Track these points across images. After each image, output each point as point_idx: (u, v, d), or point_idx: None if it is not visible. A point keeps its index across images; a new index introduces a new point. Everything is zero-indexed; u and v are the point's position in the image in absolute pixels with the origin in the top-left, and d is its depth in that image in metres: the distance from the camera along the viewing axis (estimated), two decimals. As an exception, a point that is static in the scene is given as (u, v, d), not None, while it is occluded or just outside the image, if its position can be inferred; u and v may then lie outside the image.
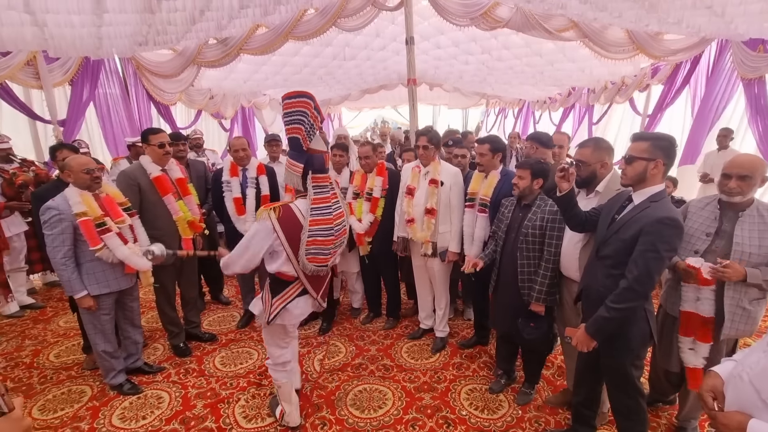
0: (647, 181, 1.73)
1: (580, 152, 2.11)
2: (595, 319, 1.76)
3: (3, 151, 3.90)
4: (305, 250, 1.98)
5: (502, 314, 2.50)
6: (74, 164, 2.42)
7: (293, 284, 2.07)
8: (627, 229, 1.72)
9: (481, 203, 2.72)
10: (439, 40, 7.24)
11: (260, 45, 5.61)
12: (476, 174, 2.81)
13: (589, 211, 2.02)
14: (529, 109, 13.63)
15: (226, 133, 8.65)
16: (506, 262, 2.45)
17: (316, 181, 1.99)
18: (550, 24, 5.20)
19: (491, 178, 2.71)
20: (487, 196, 2.69)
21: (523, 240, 2.33)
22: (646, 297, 1.72)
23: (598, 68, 6.95)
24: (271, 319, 2.08)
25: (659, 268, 1.67)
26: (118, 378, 2.71)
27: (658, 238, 1.62)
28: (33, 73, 4.43)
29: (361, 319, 3.71)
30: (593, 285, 1.87)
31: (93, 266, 2.47)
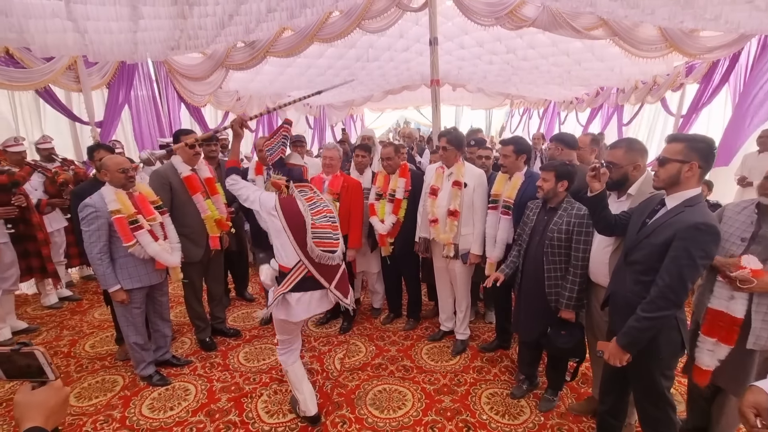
0: (681, 184, 1.66)
1: (611, 153, 2.05)
2: (627, 330, 1.70)
3: (46, 150, 4.13)
4: (312, 233, 2.09)
5: (527, 320, 2.46)
6: (111, 164, 2.54)
7: (292, 271, 2.13)
8: (659, 234, 1.66)
9: (505, 205, 2.69)
10: (463, 40, 7.18)
11: (286, 47, 5.72)
12: (500, 175, 2.78)
13: (618, 215, 1.96)
14: (555, 110, 13.33)
15: (252, 133, 8.85)
16: (530, 267, 2.41)
17: (299, 187, 2.30)
18: (578, 22, 5.07)
19: (515, 179, 2.68)
20: (511, 199, 2.66)
21: (549, 244, 2.28)
22: (679, 306, 1.65)
23: (629, 67, 6.73)
24: (270, 304, 2.17)
25: (693, 276, 1.61)
26: (148, 369, 2.82)
27: (692, 245, 1.55)
28: (74, 76, 4.67)
29: (382, 320, 3.72)
30: (621, 291, 1.82)
31: (126, 262, 2.59)
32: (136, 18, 3.70)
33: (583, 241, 2.19)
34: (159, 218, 2.71)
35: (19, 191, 3.47)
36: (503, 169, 2.79)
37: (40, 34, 3.66)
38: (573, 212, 2.23)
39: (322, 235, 2.11)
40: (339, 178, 3.33)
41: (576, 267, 2.21)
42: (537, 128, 14.29)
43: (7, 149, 3.72)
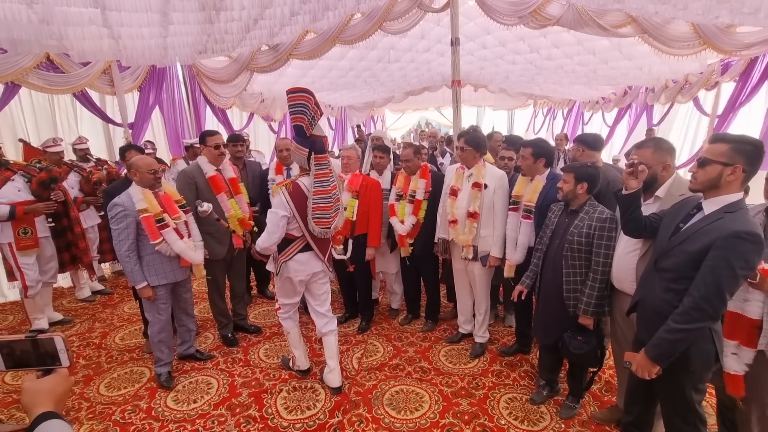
0: (722, 188, 1.55)
1: (638, 153, 1.96)
2: (658, 341, 1.60)
3: (81, 151, 4.34)
4: (312, 215, 2.43)
5: (546, 325, 2.41)
6: (141, 164, 2.63)
7: (295, 242, 2.52)
8: (694, 240, 1.55)
9: (526, 209, 2.65)
10: (485, 40, 7.11)
11: (308, 50, 5.81)
12: (521, 177, 2.74)
13: (649, 216, 1.87)
14: (580, 110, 13.00)
15: (274, 134, 9.02)
16: (549, 271, 2.36)
17: (318, 160, 2.43)
18: (605, 20, 4.93)
19: (536, 183, 2.63)
20: (532, 202, 2.61)
21: (568, 248, 2.22)
22: (715, 318, 1.55)
23: (658, 66, 6.49)
24: (279, 271, 2.55)
25: (732, 287, 1.50)
26: (162, 368, 2.86)
27: (733, 254, 1.45)
28: (108, 80, 4.89)
29: (400, 320, 3.72)
30: (649, 298, 1.72)
31: (153, 259, 2.67)
32: (166, 24, 3.85)
33: (604, 245, 2.12)
34: (183, 217, 2.79)
35: (58, 187, 3.66)
36: (522, 172, 2.76)
37: (78, 40, 3.86)
38: (595, 215, 2.17)
39: (321, 216, 2.45)
40: (358, 176, 3.36)
41: (596, 272, 2.14)
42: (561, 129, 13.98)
43: (46, 149, 3.93)
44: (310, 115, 2.32)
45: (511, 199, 2.79)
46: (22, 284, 3.47)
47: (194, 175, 3.02)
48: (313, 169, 2.42)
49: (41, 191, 3.54)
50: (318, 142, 2.40)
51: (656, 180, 1.96)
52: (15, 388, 2.83)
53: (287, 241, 2.51)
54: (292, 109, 2.33)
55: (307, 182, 2.45)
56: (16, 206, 3.34)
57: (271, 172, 3.63)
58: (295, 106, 2.31)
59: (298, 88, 2.31)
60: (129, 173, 2.69)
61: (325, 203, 2.44)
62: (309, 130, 2.36)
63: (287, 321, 2.77)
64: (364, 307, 3.65)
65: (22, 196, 3.44)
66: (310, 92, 2.30)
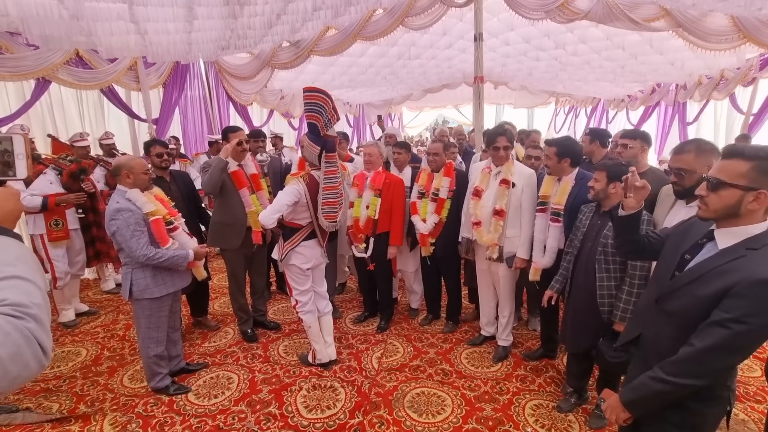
0: (742, 217, 1.21)
1: (680, 159, 1.82)
2: (638, 386, 1.33)
3: (108, 146, 4.42)
4: (321, 210, 2.60)
5: (576, 331, 2.30)
6: (136, 165, 2.39)
7: (300, 231, 2.69)
8: (706, 283, 1.22)
9: (554, 212, 2.53)
10: (508, 36, 6.95)
11: (329, 46, 5.79)
12: (547, 177, 2.63)
13: (648, 235, 1.56)
14: (604, 108, 12.63)
15: (294, 131, 9.06)
16: (581, 275, 2.25)
17: (328, 158, 2.60)
18: (636, 13, 4.74)
19: (564, 184, 2.51)
20: (561, 204, 2.49)
21: (602, 251, 2.12)
22: (712, 379, 1.23)
23: (692, 61, 6.21)
24: (283, 258, 2.67)
25: (749, 347, 1.19)
26: (164, 381, 2.68)
27: (757, 308, 1.11)
28: (134, 76, 4.96)
29: (420, 321, 3.66)
30: (651, 338, 1.40)
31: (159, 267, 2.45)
32: (191, 19, 3.88)
33: None
34: (180, 218, 2.65)
35: (87, 179, 3.73)
36: (548, 171, 2.65)
37: (106, 36, 3.92)
38: None
39: (329, 210, 2.63)
40: (381, 174, 3.31)
41: (633, 277, 2.04)
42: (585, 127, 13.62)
43: (74, 144, 4.02)
44: (326, 117, 2.48)
45: (538, 199, 2.68)
46: (51, 276, 3.55)
47: None
48: (323, 166, 2.60)
49: (72, 183, 3.62)
50: (330, 141, 2.59)
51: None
52: (43, 377, 2.89)
53: (293, 230, 2.68)
54: (308, 107, 2.47)
55: (318, 177, 2.64)
56: (48, 197, 3.42)
57: (294, 168, 3.58)
58: (311, 104, 2.45)
59: (316, 88, 2.45)
60: (119, 175, 2.39)
61: (333, 198, 2.63)
62: (323, 130, 2.52)
63: (307, 315, 2.81)
64: (384, 306, 3.60)
65: (53, 189, 3.52)
66: (328, 95, 2.46)
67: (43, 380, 2.88)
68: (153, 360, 2.62)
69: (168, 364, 2.74)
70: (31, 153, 3.47)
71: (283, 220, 2.65)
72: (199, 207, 3.45)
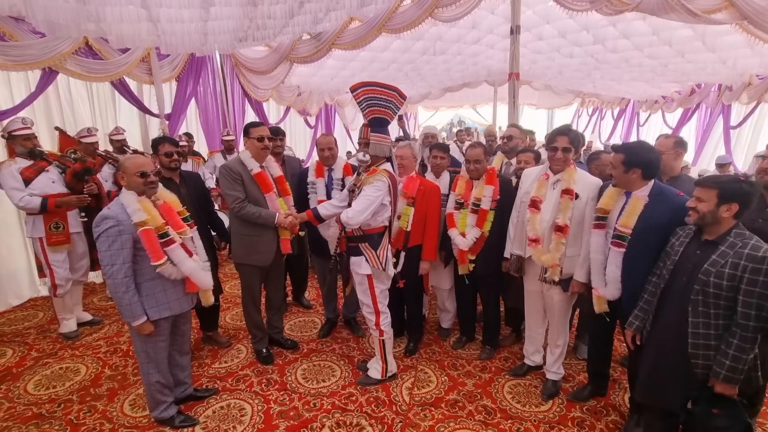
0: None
1: None
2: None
3: (118, 142, 4.13)
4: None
5: (660, 381, 1.87)
6: (129, 164, 2.08)
7: (385, 234, 2.56)
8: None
9: (617, 235, 2.07)
10: (543, 30, 6.51)
11: (352, 39, 5.42)
12: (612, 188, 2.16)
13: None
14: (634, 110, 12.04)
15: (310, 130, 8.75)
16: (669, 314, 1.82)
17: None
18: (695, 4, 4.25)
19: (635, 201, 2.04)
20: (628, 228, 2.03)
21: (701, 291, 1.69)
22: None
23: (747, 59, 5.70)
24: (385, 265, 2.51)
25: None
26: (169, 410, 2.37)
27: None
28: (146, 69, 4.69)
29: (452, 343, 3.28)
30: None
31: (152, 286, 2.13)
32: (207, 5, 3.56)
33: (758, 294, 1.58)
34: (189, 232, 2.28)
35: (92, 179, 3.45)
36: (613, 182, 2.19)
37: (116, 23, 3.64)
38: (745, 251, 1.62)
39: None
40: (415, 180, 2.93)
41: (746, 328, 1.61)
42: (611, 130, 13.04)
43: (81, 140, 3.74)
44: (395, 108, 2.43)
45: (596, 212, 2.22)
46: (51, 283, 3.27)
47: (239, 170, 2.67)
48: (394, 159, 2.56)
49: (75, 183, 3.33)
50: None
51: None
52: (36, 399, 2.60)
53: (378, 236, 2.52)
54: (379, 101, 2.37)
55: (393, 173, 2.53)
56: (48, 198, 3.14)
57: (311, 174, 3.18)
58: (382, 99, 2.38)
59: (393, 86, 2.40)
60: (116, 175, 2.16)
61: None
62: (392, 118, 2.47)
63: (387, 326, 2.68)
64: (414, 327, 3.23)
65: (56, 188, 3.25)
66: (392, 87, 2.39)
67: (37, 403, 2.58)
68: (155, 387, 2.29)
69: (173, 391, 2.42)
70: (33, 149, 3.24)
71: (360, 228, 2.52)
72: (211, 212, 3.11)
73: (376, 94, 2.37)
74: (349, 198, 2.55)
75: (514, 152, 3.51)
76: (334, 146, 3.18)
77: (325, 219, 2.69)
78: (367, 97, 2.38)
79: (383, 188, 2.40)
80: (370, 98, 2.38)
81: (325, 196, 3.10)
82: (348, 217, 2.36)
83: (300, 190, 3.21)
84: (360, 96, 2.39)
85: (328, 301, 3.47)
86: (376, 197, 2.37)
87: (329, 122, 9.84)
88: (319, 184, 3.15)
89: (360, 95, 2.39)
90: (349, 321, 3.51)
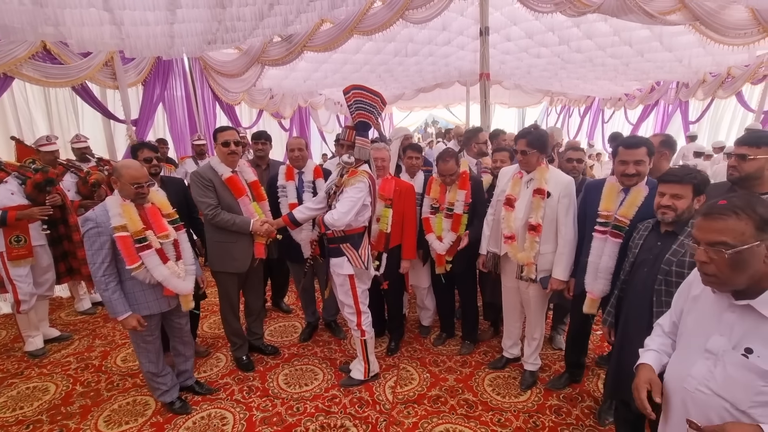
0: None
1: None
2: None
3: (80, 150, 3.97)
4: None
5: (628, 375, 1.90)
6: (125, 173, 2.13)
7: (365, 234, 2.58)
8: None
9: (616, 225, 2.09)
10: (511, 31, 6.70)
11: (324, 41, 5.42)
12: (610, 186, 2.16)
13: None
14: (599, 107, 12.53)
15: (285, 132, 8.66)
16: (634, 307, 1.88)
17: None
18: (652, 6, 4.50)
19: (635, 193, 2.05)
20: (627, 217, 2.05)
21: (663, 280, 1.74)
22: None
23: (701, 58, 6.05)
24: (367, 265, 2.54)
25: None
26: (166, 396, 2.50)
27: None
28: (110, 73, 4.53)
29: (433, 340, 3.33)
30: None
31: (132, 285, 2.20)
32: (173, 7, 3.47)
33: None
34: (173, 235, 2.30)
35: (55, 190, 3.30)
36: (630, 181, 2.07)
37: (77, 26, 3.49)
38: None
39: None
40: (390, 181, 2.96)
41: None
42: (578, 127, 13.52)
43: (40, 148, 3.55)
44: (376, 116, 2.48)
45: (597, 217, 2.17)
46: (14, 299, 3.11)
47: (210, 176, 2.62)
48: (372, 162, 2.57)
49: (37, 195, 3.17)
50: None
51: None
52: (2, 422, 2.46)
53: (358, 236, 2.54)
54: (360, 105, 2.41)
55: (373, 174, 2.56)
56: (8, 211, 2.99)
57: (281, 177, 3.12)
58: (363, 102, 2.41)
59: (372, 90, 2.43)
60: (111, 179, 2.22)
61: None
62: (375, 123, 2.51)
63: (369, 326, 2.70)
64: (394, 326, 3.25)
65: (15, 200, 3.09)
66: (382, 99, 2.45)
67: (3, 426, 2.45)
68: (148, 376, 2.45)
69: (173, 379, 2.55)
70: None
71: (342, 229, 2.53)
72: (194, 217, 3.04)
73: (365, 98, 2.42)
74: (327, 200, 2.56)
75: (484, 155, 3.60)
76: (304, 147, 3.16)
77: (302, 223, 2.71)
78: (357, 100, 2.42)
79: (364, 189, 2.43)
80: (359, 101, 2.42)
81: (296, 199, 3.07)
82: (334, 219, 2.37)
83: (270, 194, 3.14)
84: (351, 98, 2.42)
85: (307, 304, 3.45)
86: (359, 198, 2.40)
87: (304, 125, 9.76)
88: (289, 188, 3.11)
89: (351, 98, 2.42)
90: (329, 324, 3.50)
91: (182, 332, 2.57)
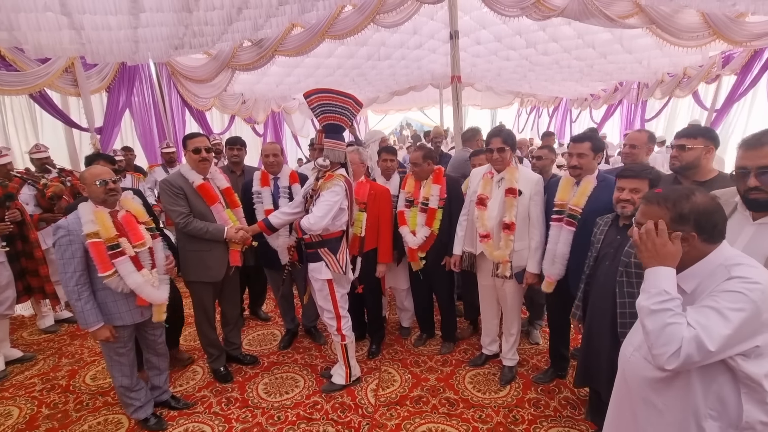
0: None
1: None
2: None
3: (40, 161, 3.78)
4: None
5: (597, 364, 1.99)
6: (87, 175, 2.12)
7: (343, 238, 2.57)
8: None
9: (570, 215, 2.25)
10: (480, 35, 6.85)
11: (295, 46, 5.38)
12: (565, 179, 2.33)
13: None
14: (567, 108, 12.98)
15: (259, 138, 8.53)
16: (598, 299, 1.95)
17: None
18: (612, 10, 4.70)
19: (585, 184, 2.24)
20: (579, 207, 2.22)
21: (624, 272, 1.81)
22: None
23: (658, 59, 6.37)
24: (345, 269, 2.52)
25: None
26: (140, 413, 2.40)
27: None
28: (71, 80, 4.34)
29: (413, 341, 3.34)
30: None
31: (104, 295, 2.15)
32: (136, 11, 3.36)
33: None
34: (149, 242, 2.24)
35: (14, 205, 3.13)
36: (574, 172, 2.27)
37: (33, 31, 3.33)
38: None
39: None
40: (365, 185, 2.96)
41: None
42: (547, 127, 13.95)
43: (-7, 161, 3.37)
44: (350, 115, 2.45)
45: (553, 207, 2.37)
46: (-31, 320, 2.92)
47: (180, 184, 2.55)
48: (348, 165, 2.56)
49: (-7, 210, 3.00)
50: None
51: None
52: None
53: (336, 240, 2.52)
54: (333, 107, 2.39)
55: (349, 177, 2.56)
56: (-39, 228, 2.81)
57: (256, 183, 3.08)
58: (335, 106, 2.39)
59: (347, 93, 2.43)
60: (80, 188, 2.24)
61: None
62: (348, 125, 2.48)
63: (349, 330, 2.68)
64: (375, 329, 3.25)
65: (-31, 216, 2.91)
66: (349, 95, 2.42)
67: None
68: (121, 391, 2.36)
69: (147, 394, 2.46)
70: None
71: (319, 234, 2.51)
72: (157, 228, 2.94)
73: (331, 101, 2.39)
74: (304, 204, 2.54)
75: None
76: (279, 153, 3.12)
77: (278, 228, 2.67)
78: (321, 104, 2.39)
79: (341, 192, 2.42)
80: (324, 104, 2.39)
81: (272, 205, 3.03)
82: (310, 223, 2.36)
83: (245, 201, 3.09)
84: (314, 102, 2.40)
85: (286, 311, 3.40)
86: (335, 202, 2.38)
87: (278, 130, 9.65)
88: (264, 194, 3.06)
89: (314, 101, 2.40)
90: (309, 329, 3.47)
91: (156, 344, 2.48)
